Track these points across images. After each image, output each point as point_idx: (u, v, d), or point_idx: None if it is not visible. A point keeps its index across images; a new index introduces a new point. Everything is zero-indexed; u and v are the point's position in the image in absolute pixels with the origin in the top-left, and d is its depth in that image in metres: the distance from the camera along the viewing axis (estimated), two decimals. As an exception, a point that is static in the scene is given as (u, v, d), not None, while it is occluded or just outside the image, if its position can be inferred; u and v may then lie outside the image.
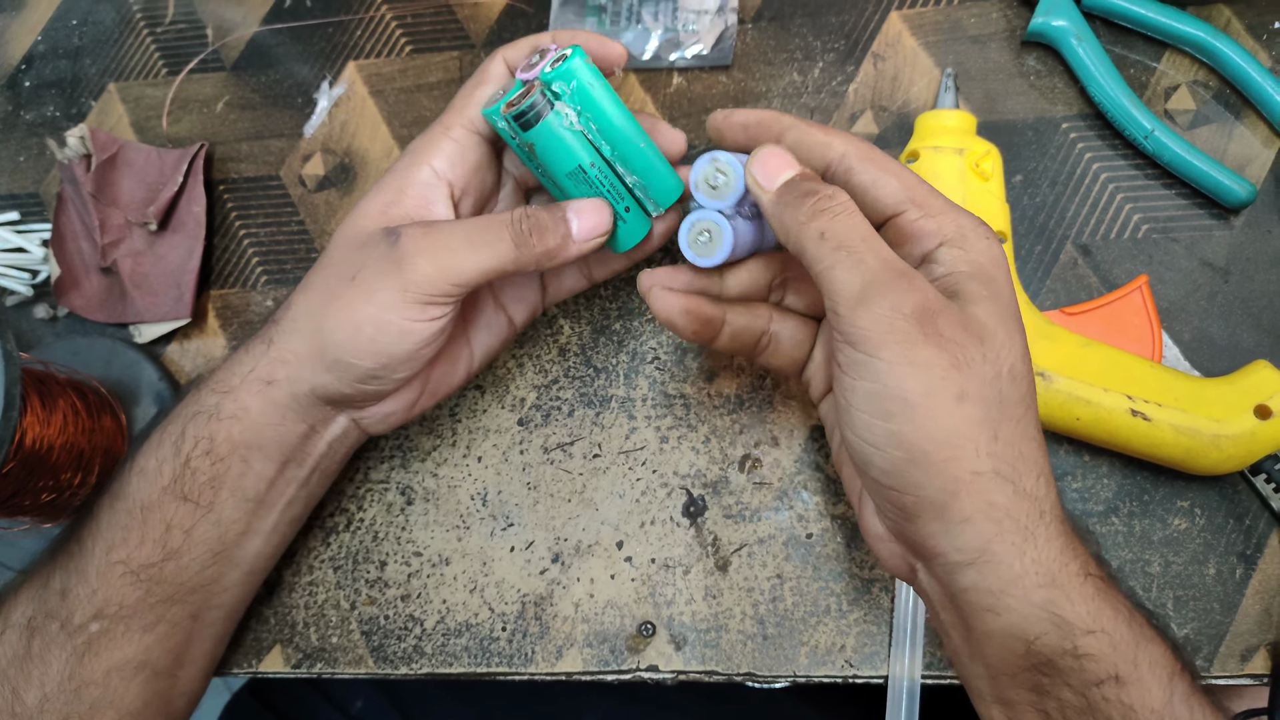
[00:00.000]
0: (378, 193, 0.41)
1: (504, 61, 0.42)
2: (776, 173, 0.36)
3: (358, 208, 0.41)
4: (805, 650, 0.44)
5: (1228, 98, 0.47)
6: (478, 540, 0.48)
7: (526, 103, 0.37)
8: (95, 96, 0.59)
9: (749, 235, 0.39)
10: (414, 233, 0.38)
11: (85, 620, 0.41)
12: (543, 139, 0.38)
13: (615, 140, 0.39)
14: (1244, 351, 0.44)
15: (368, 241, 0.39)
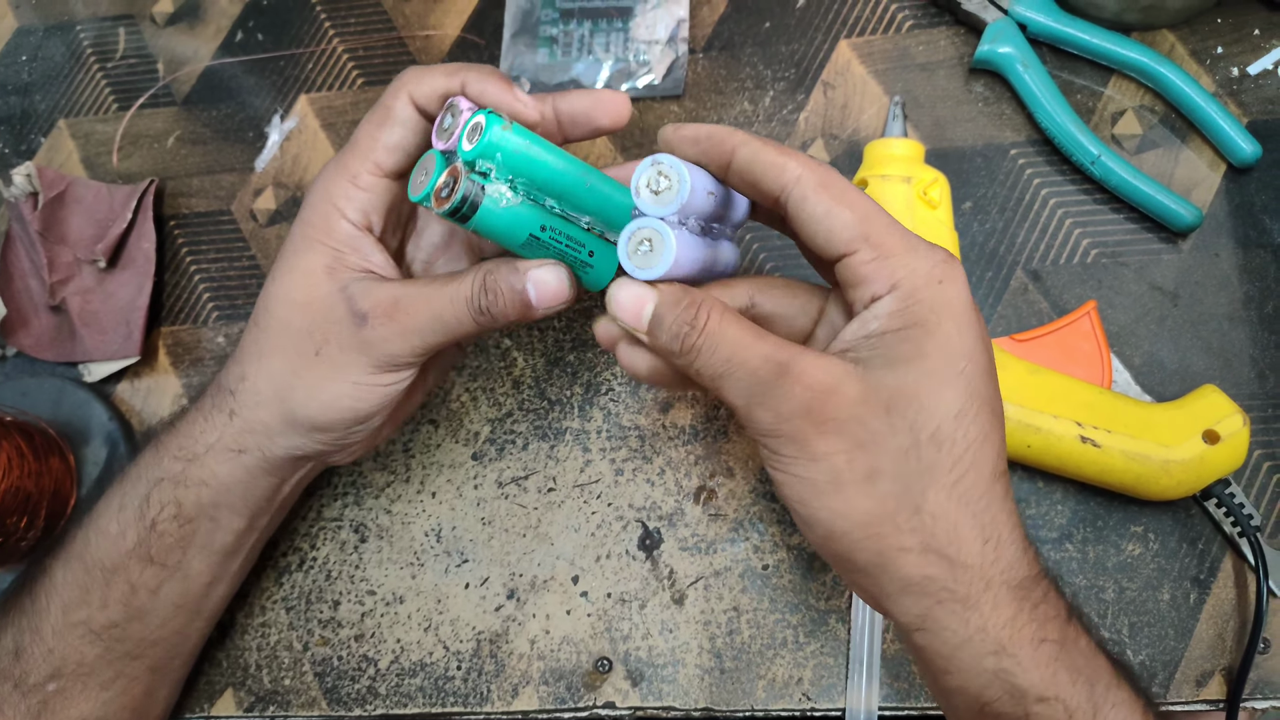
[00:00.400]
0: (308, 250, 0.38)
1: (410, 100, 0.38)
2: (638, 311, 0.33)
3: (291, 265, 0.39)
4: (763, 684, 0.44)
5: (1173, 122, 0.48)
6: (432, 577, 0.47)
7: (458, 197, 0.34)
8: (45, 133, 0.58)
9: (697, 251, 0.35)
10: (380, 316, 0.37)
11: (41, 680, 0.40)
12: (484, 225, 0.36)
13: (560, 193, 0.37)
14: (1194, 375, 0.44)
15: (328, 315, 0.38)
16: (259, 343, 0.39)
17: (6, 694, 0.40)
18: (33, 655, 0.40)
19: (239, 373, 0.40)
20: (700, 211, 0.35)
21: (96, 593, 0.40)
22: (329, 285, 0.38)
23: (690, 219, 0.35)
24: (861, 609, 0.43)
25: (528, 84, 0.53)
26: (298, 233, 0.39)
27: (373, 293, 0.37)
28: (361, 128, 0.39)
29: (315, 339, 0.38)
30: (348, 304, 0.38)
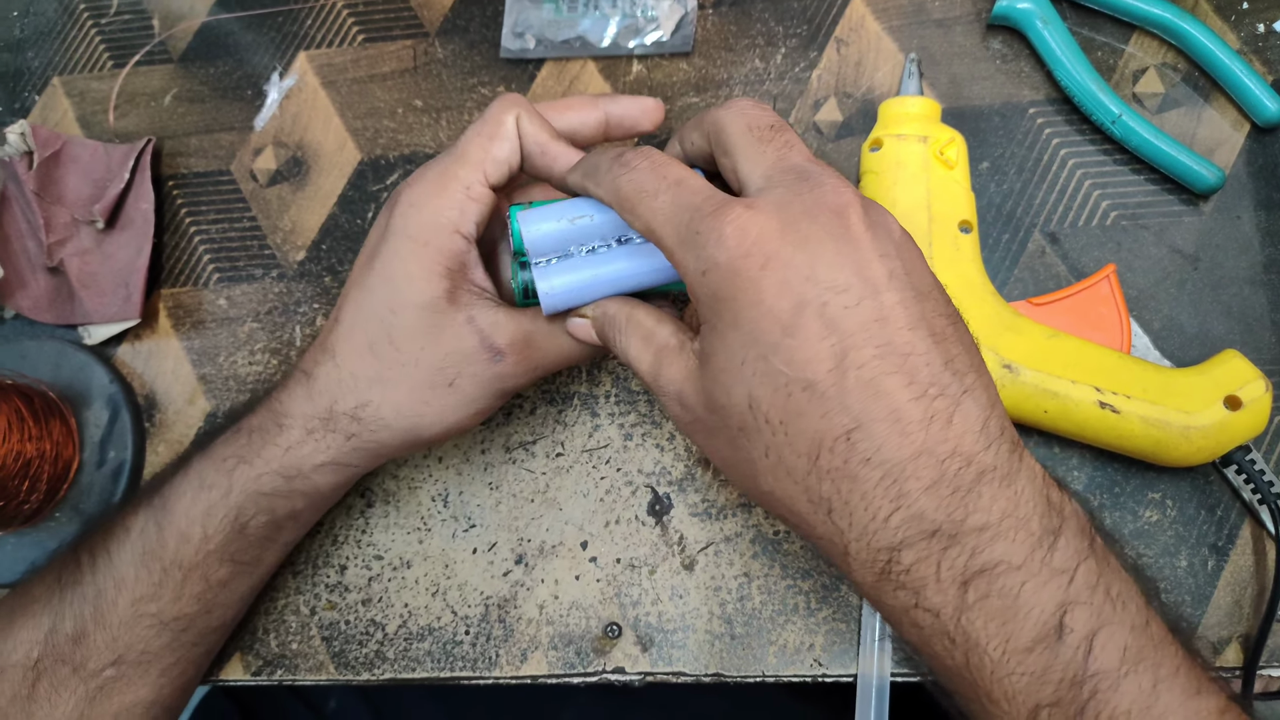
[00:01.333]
0: (426, 274, 0.38)
1: (516, 122, 0.39)
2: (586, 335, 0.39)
3: (409, 290, 0.38)
4: (774, 649, 0.44)
5: (1196, 80, 0.47)
6: (439, 542, 0.47)
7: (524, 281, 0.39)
8: (39, 90, 0.57)
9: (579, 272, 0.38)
10: (515, 354, 0.39)
11: (101, 666, 0.40)
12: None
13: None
14: (1214, 339, 0.44)
15: (461, 350, 0.39)
16: (383, 374, 0.39)
17: (64, 677, 0.40)
18: (95, 642, 0.40)
19: (358, 399, 0.39)
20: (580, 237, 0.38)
21: (170, 588, 0.40)
22: (456, 315, 0.38)
23: (574, 249, 0.38)
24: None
25: (533, 40, 0.52)
26: (406, 249, 0.38)
27: (505, 328, 0.39)
28: (470, 140, 0.39)
29: (448, 373, 0.39)
30: (480, 338, 0.38)
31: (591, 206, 0.37)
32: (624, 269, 0.37)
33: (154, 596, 0.40)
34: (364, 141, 0.53)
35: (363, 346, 0.39)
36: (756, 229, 0.30)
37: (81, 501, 0.49)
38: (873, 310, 0.29)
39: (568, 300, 0.37)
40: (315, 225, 0.52)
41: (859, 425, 0.29)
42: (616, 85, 0.51)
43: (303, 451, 0.40)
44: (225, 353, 0.51)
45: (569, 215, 0.37)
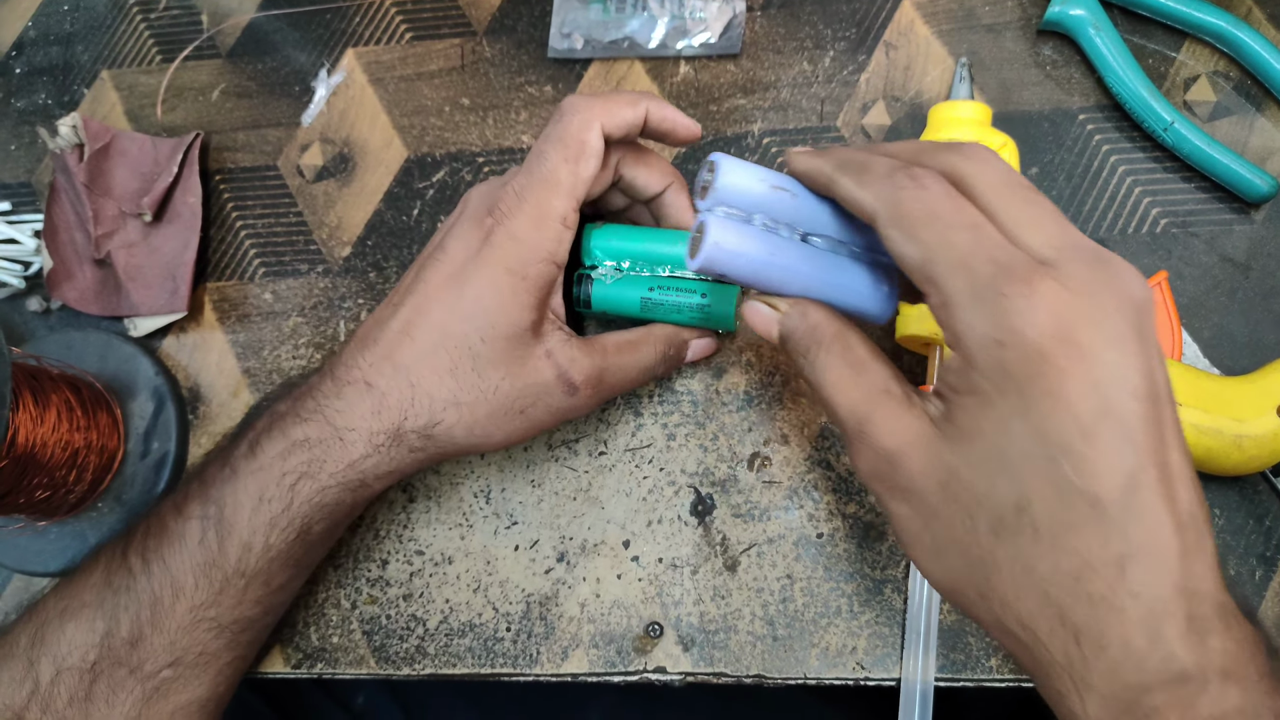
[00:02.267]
0: (518, 304, 0.38)
1: (602, 132, 0.39)
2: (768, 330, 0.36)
3: (498, 317, 0.38)
4: (816, 651, 0.43)
5: (1248, 89, 0.46)
6: (481, 539, 0.47)
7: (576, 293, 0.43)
8: (88, 84, 0.58)
9: (763, 248, 0.34)
10: (588, 389, 0.41)
11: (158, 668, 0.40)
12: (601, 305, 0.43)
13: (659, 258, 0.43)
14: (1265, 349, 0.43)
15: (537, 383, 0.40)
16: (459, 397, 0.39)
17: (121, 679, 0.40)
18: (152, 645, 0.40)
19: (431, 418, 0.39)
20: (771, 209, 0.34)
21: (232, 595, 0.41)
22: (538, 349, 0.39)
23: (757, 216, 0.34)
24: (918, 579, 0.42)
25: (580, 40, 0.52)
26: (506, 283, 0.38)
27: (580, 365, 0.40)
28: (556, 164, 0.38)
29: (523, 403, 0.40)
30: (557, 373, 0.40)
31: (794, 184, 0.35)
32: (801, 269, 0.35)
33: (214, 603, 0.40)
34: (411, 139, 0.53)
35: (444, 370, 0.39)
36: (1071, 312, 0.27)
37: (124, 492, 0.50)
38: (1157, 425, 0.27)
39: (724, 266, 0.34)
40: (361, 221, 0.52)
41: (1132, 554, 0.27)
42: (664, 86, 0.51)
43: (366, 465, 0.40)
44: (270, 347, 0.51)
45: (770, 180, 0.35)
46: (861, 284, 0.35)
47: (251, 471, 0.40)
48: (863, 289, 0.35)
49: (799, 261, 0.34)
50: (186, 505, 0.41)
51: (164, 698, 0.41)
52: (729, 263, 0.34)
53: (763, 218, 0.35)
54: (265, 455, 0.40)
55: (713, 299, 0.43)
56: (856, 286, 0.35)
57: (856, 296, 0.35)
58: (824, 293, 0.35)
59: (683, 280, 0.43)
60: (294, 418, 0.40)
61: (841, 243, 0.35)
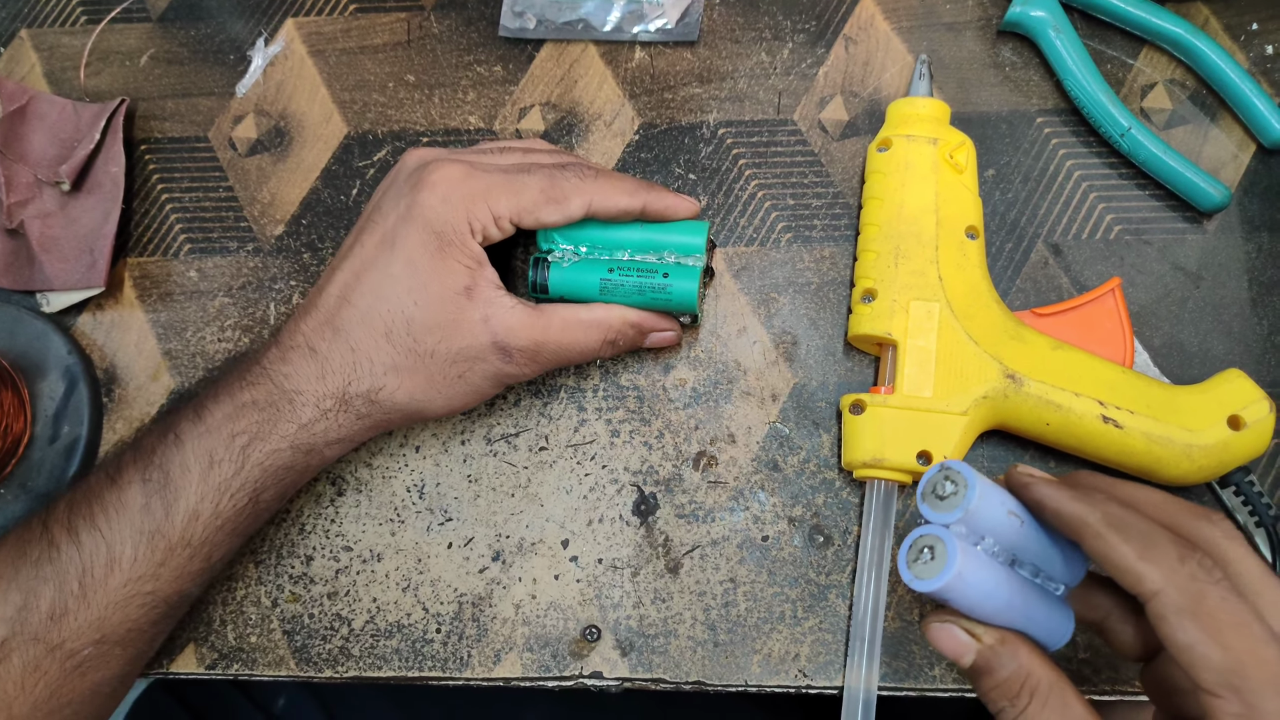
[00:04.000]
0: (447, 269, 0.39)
1: (587, 209, 0.41)
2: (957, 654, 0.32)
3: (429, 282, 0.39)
4: (758, 658, 0.42)
5: (1204, 99, 0.46)
6: (413, 535, 0.45)
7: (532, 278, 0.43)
8: (4, 43, 0.54)
9: (994, 578, 0.32)
10: (523, 356, 0.41)
11: (82, 645, 0.38)
12: (559, 289, 0.42)
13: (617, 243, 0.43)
14: (1214, 359, 0.43)
15: (473, 348, 0.40)
16: (398, 361, 0.39)
17: (38, 658, 0.37)
18: (77, 621, 0.37)
19: (374, 383, 0.39)
20: (1000, 534, 0.32)
21: (173, 567, 0.39)
22: (472, 313, 0.39)
23: (987, 539, 0.32)
24: (865, 585, 0.41)
25: (533, 20, 0.50)
26: (433, 243, 0.39)
27: (518, 333, 0.40)
28: (531, 186, 0.40)
29: (460, 366, 0.40)
30: (493, 338, 0.40)
31: (1022, 510, 0.33)
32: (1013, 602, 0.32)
33: (153, 576, 0.38)
34: (352, 115, 0.50)
35: (379, 333, 0.39)
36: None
37: (30, 479, 0.47)
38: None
39: (958, 595, 0.31)
40: (296, 199, 0.50)
41: None
42: (618, 71, 0.49)
43: (316, 429, 0.39)
44: (193, 328, 0.49)
45: (1009, 505, 0.32)
46: (1049, 617, 0.33)
47: (199, 435, 0.39)
48: (1048, 622, 0.33)
49: (1010, 592, 0.32)
50: (122, 474, 0.39)
51: (81, 676, 0.38)
52: (962, 593, 0.31)
53: (993, 542, 0.32)
54: (213, 418, 0.39)
55: (674, 279, 0.42)
56: (1045, 620, 0.33)
57: (1042, 630, 0.33)
58: (1019, 624, 0.32)
59: (643, 263, 0.42)
60: (240, 382, 0.39)
61: (1039, 570, 0.34)
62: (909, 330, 0.41)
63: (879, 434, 0.40)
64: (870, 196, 0.44)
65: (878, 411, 0.40)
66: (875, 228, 0.43)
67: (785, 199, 0.47)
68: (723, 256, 0.47)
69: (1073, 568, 0.34)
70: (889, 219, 0.42)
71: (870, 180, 0.44)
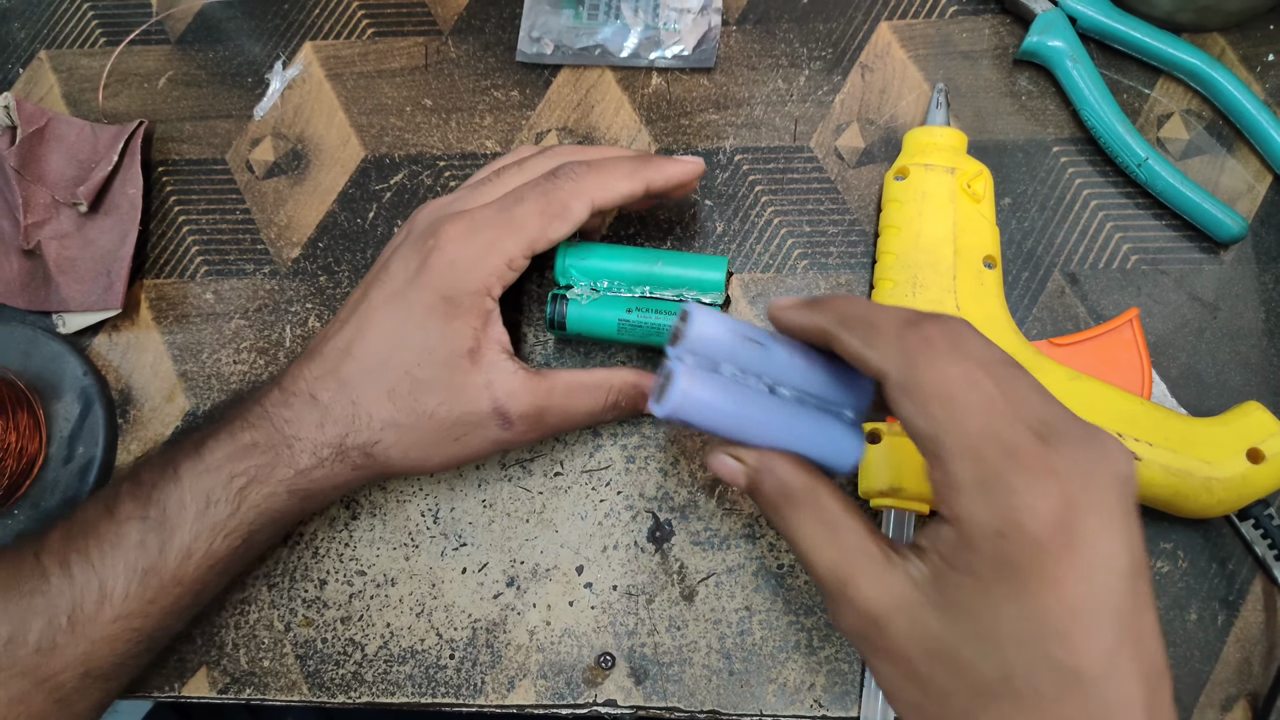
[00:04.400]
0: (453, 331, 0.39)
1: (590, 206, 0.40)
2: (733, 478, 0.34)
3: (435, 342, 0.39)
4: (773, 688, 0.42)
5: (1220, 129, 0.46)
6: (427, 560, 0.45)
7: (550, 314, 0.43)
8: (24, 64, 0.54)
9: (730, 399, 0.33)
10: (524, 424, 0.40)
11: (67, 680, 0.38)
12: (576, 327, 0.42)
13: (635, 279, 0.42)
14: (1232, 391, 0.43)
15: (473, 413, 0.39)
16: (397, 419, 0.39)
17: (24, 692, 0.37)
18: (64, 655, 0.37)
19: (371, 437, 0.39)
20: (742, 360, 0.34)
21: (164, 604, 0.39)
22: (476, 377, 0.39)
23: (725, 365, 0.34)
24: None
25: (550, 45, 0.50)
26: (441, 308, 0.39)
27: (519, 399, 0.39)
28: (530, 213, 0.39)
29: (458, 430, 0.39)
30: (494, 406, 0.39)
31: (764, 335, 0.34)
32: (767, 421, 0.34)
33: (143, 613, 0.38)
34: (369, 138, 0.51)
35: (382, 390, 0.39)
36: (1068, 502, 0.27)
37: (44, 499, 0.47)
38: (1135, 596, 0.28)
39: (690, 415, 0.33)
40: (312, 222, 0.50)
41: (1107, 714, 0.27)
42: (634, 96, 0.50)
43: (314, 475, 0.40)
44: (209, 350, 0.49)
45: (742, 331, 0.34)
46: (826, 437, 0.34)
47: (198, 474, 0.39)
48: (827, 443, 0.34)
49: (765, 413, 0.34)
50: (119, 507, 0.38)
51: (66, 708, 0.38)
52: (695, 412, 0.33)
53: (732, 367, 0.34)
54: (213, 457, 0.39)
55: None
56: (821, 440, 0.34)
57: (821, 450, 0.34)
58: (789, 444, 0.34)
59: (662, 301, 0.42)
60: (241, 423, 0.39)
61: (809, 394, 0.35)
62: (927, 360, 0.41)
63: (896, 463, 0.40)
64: (887, 225, 0.44)
65: (895, 441, 0.40)
66: (892, 256, 0.43)
67: (801, 225, 0.47)
68: (738, 283, 0.47)
69: (856, 392, 0.35)
70: (906, 248, 0.42)
71: (887, 208, 0.44)
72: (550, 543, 0.44)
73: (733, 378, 0.34)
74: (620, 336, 0.42)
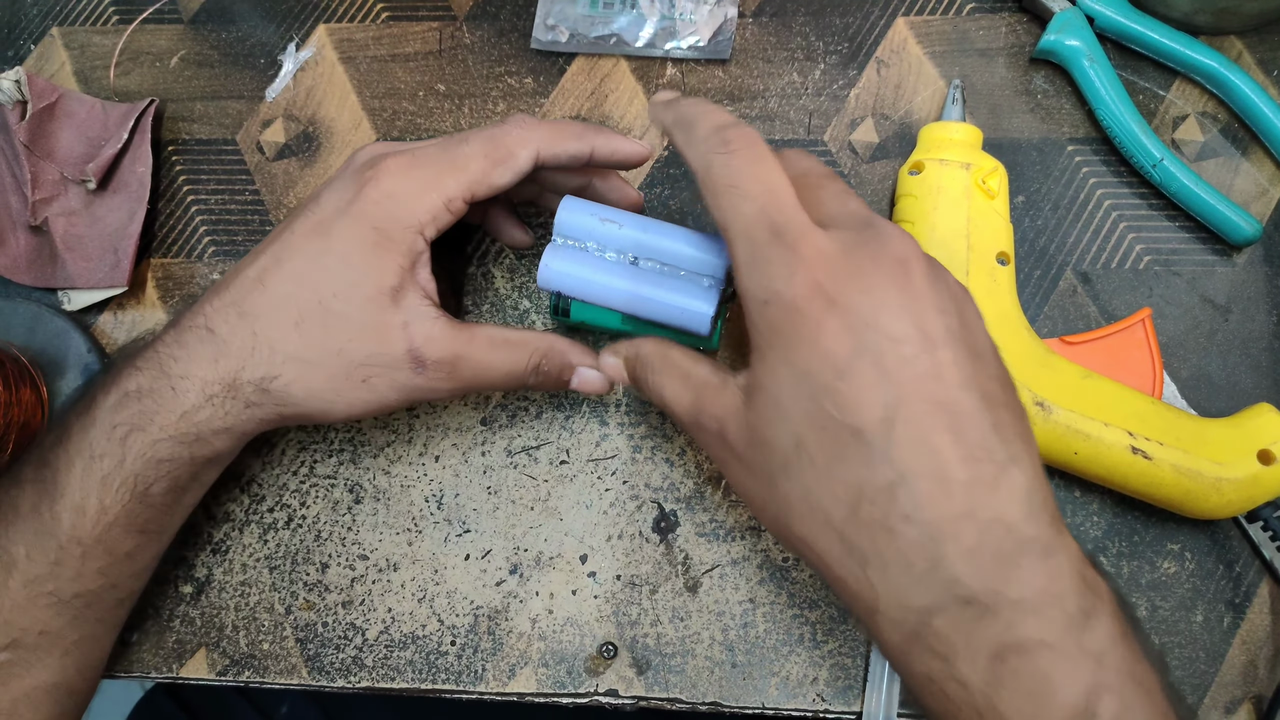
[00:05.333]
0: (380, 265, 0.37)
1: (535, 157, 0.39)
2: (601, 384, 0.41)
3: (356, 275, 0.37)
4: (776, 681, 0.42)
5: (1235, 132, 0.46)
6: (430, 546, 0.45)
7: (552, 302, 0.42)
8: (35, 40, 0.54)
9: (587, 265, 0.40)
10: (438, 370, 0.38)
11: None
12: (580, 314, 0.42)
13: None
14: (1242, 393, 0.43)
15: (385, 353, 0.38)
16: (301, 352, 0.37)
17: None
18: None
19: (269, 371, 0.37)
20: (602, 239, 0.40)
21: (70, 566, 0.37)
22: (394, 317, 0.37)
23: (591, 243, 0.40)
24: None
25: (565, 33, 0.50)
26: (370, 239, 0.37)
27: (436, 343, 0.38)
28: (474, 156, 0.38)
29: (367, 370, 0.38)
30: (409, 347, 0.37)
31: (624, 217, 0.40)
32: (621, 284, 0.39)
33: (51, 576, 0.37)
34: (381, 122, 0.50)
35: (289, 320, 0.37)
36: (827, 271, 0.30)
37: (46, 476, 0.46)
38: (927, 365, 0.29)
39: (557, 284, 0.40)
40: (322, 204, 0.50)
41: (902, 479, 0.29)
42: (649, 87, 0.49)
43: (200, 416, 0.38)
44: (215, 330, 0.48)
45: (600, 214, 0.40)
46: (681, 296, 0.39)
47: (83, 427, 0.38)
48: (682, 301, 0.39)
49: (621, 279, 0.39)
50: (20, 473, 0.38)
51: (3, 684, 0.37)
52: (560, 281, 0.40)
53: (596, 245, 0.40)
54: (98, 409, 0.38)
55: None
56: (677, 299, 0.39)
57: (676, 310, 0.39)
58: (646, 306, 0.39)
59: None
60: (130, 368, 0.38)
61: (669, 265, 0.40)
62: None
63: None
64: (901, 219, 0.44)
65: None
66: (905, 251, 0.43)
67: (813, 219, 0.47)
68: (749, 275, 0.47)
69: (714, 263, 0.39)
70: (920, 242, 0.42)
71: (901, 203, 0.44)
72: (555, 531, 0.44)
73: (596, 253, 0.40)
74: (625, 326, 0.42)
